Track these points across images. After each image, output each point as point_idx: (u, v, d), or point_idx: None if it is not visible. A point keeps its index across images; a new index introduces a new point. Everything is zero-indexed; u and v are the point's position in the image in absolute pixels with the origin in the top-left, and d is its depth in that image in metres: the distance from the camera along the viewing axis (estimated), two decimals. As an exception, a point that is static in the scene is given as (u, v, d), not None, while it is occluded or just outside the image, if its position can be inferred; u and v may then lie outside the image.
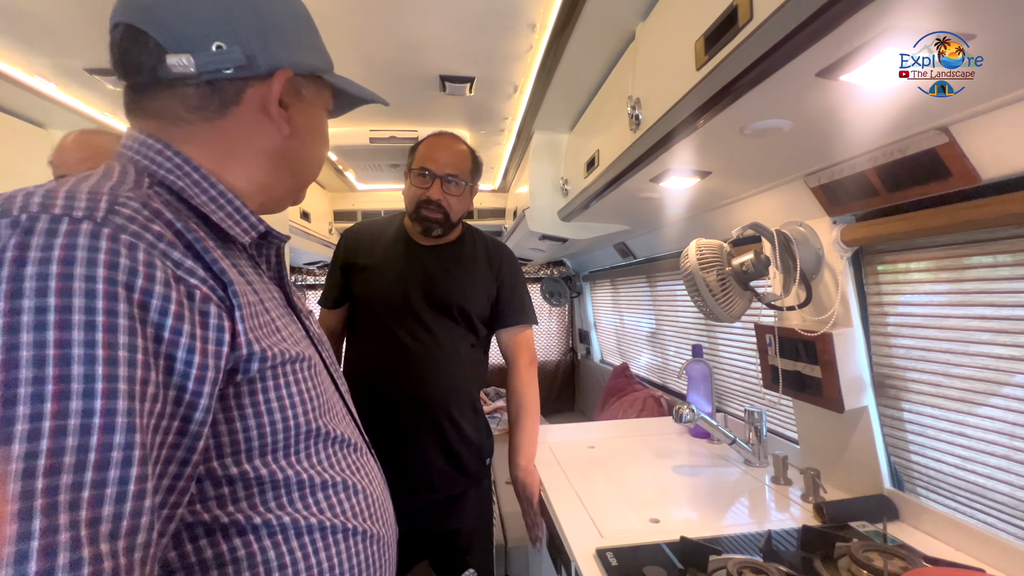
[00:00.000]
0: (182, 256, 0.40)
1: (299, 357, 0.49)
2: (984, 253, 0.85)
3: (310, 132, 0.54)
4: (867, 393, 1.04)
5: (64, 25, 1.10)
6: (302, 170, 0.56)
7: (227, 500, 0.44)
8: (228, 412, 0.43)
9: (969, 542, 0.86)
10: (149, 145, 0.46)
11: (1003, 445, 0.85)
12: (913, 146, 0.78)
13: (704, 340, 1.90)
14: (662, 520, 1.03)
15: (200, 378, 0.39)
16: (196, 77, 0.45)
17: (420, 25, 1.17)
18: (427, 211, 1.18)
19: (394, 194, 2.83)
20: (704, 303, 1.10)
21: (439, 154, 1.19)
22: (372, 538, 0.54)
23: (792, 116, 0.80)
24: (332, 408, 0.55)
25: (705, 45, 0.73)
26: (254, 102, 0.49)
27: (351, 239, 1.30)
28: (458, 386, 1.23)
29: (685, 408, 1.28)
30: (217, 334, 0.40)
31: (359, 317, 1.27)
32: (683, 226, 1.66)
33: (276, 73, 0.48)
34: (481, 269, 1.28)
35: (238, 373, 0.43)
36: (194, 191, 0.46)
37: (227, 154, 0.49)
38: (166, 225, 0.40)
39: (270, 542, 0.46)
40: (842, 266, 1.03)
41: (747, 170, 1.11)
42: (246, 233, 0.50)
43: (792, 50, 0.59)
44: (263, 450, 0.45)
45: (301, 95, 0.52)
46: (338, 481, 0.52)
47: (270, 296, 0.52)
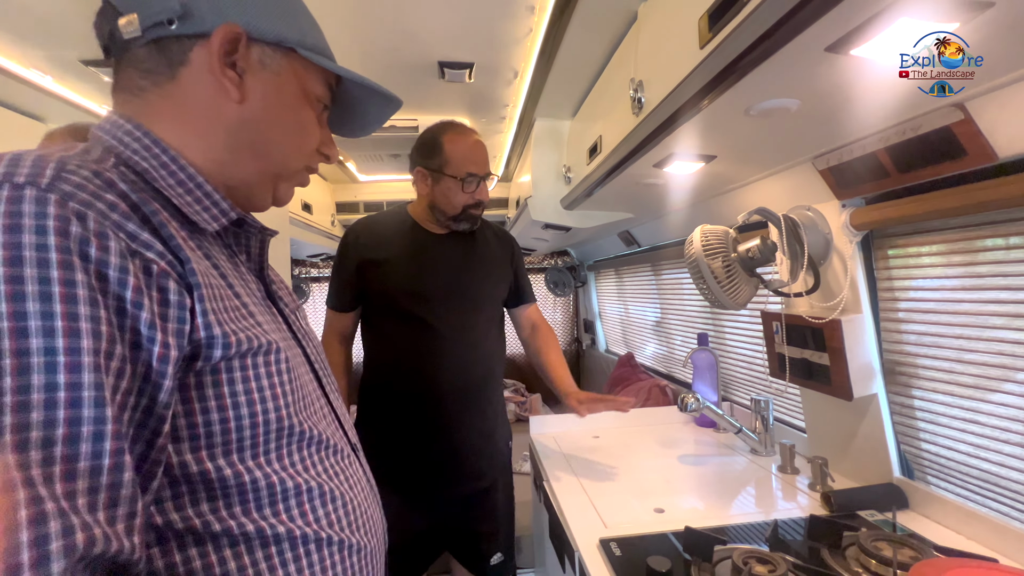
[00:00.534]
0: (137, 228, 0.37)
1: (272, 347, 0.46)
2: (998, 235, 0.82)
3: (273, 107, 0.49)
4: (876, 380, 1.02)
5: (58, 17, 1.08)
6: (266, 151, 0.50)
7: (185, 503, 0.40)
8: (188, 404, 0.40)
9: (981, 531, 0.84)
10: (119, 125, 0.44)
11: (1018, 432, 0.83)
12: (926, 124, 0.75)
13: (710, 328, 1.88)
14: (667, 510, 1.03)
15: (163, 356, 0.36)
16: (143, 37, 0.44)
17: (416, 10, 1.14)
18: (473, 210, 1.23)
19: (396, 184, 2.81)
20: (709, 290, 1.08)
21: (478, 154, 1.21)
22: (351, 548, 0.50)
23: (800, 95, 0.77)
24: (310, 406, 0.51)
25: (709, 22, 0.70)
26: (201, 62, 0.45)
27: (360, 236, 1.26)
28: (493, 367, 1.28)
29: (690, 397, 1.27)
30: (178, 311, 0.38)
31: (381, 313, 1.25)
32: (688, 213, 1.63)
33: (218, 27, 0.44)
34: (497, 254, 1.33)
35: (198, 360, 0.40)
36: (160, 173, 0.44)
37: (181, 122, 0.46)
38: (120, 196, 0.37)
39: (231, 552, 0.41)
40: (851, 251, 1.01)
41: (753, 153, 1.09)
42: (215, 220, 0.47)
43: (799, 23, 0.57)
44: (227, 448, 0.42)
45: (264, 64, 0.48)
46: (313, 486, 0.48)
47: (244, 286, 0.49)
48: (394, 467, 1.20)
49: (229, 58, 0.46)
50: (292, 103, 0.50)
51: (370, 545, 0.54)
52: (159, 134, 0.45)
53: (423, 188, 1.23)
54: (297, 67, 0.50)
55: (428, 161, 1.21)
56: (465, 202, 1.20)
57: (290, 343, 0.52)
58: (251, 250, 0.55)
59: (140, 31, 0.43)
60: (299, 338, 0.56)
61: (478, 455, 1.23)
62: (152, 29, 0.44)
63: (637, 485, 1.15)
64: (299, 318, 0.60)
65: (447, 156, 1.19)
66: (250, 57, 0.47)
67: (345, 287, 1.26)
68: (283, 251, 1.91)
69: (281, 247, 1.89)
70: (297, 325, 0.58)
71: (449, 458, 1.21)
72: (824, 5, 0.53)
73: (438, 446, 1.20)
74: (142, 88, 0.45)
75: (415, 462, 1.21)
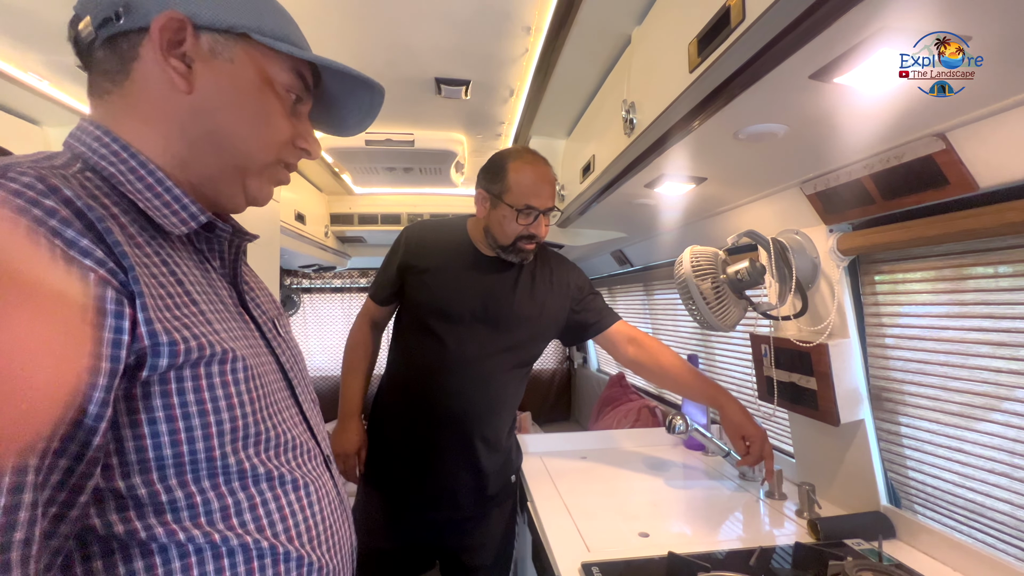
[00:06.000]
0: (76, 235, 0.36)
1: (228, 356, 0.44)
2: (983, 264, 0.83)
3: (227, 96, 0.47)
4: (863, 406, 1.02)
5: (56, 20, 1.09)
6: (225, 143, 0.48)
7: (131, 515, 0.38)
8: (134, 415, 0.38)
9: (967, 562, 0.83)
10: (88, 131, 0.45)
11: (1003, 462, 0.82)
12: (909, 153, 0.77)
13: (701, 350, 1.88)
14: (652, 534, 1.01)
15: (93, 368, 0.35)
16: (97, 38, 0.44)
17: (414, 27, 1.16)
18: (525, 244, 1.16)
19: (391, 197, 2.82)
20: (698, 311, 1.08)
21: (544, 189, 1.14)
22: (310, 567, 0.48)
23: (786, 120, 0.78)
24: (278, 415, 0.49)
25: (698, 47, 0.72)
26: (149, 55, 0.44)
27: (413, 239, 1.25)
28: (498, 406, 1.21)
29: (678, 419, 1.26)
30: (115, 320, 0.36)
31: (408, 320, 1.24)
32: (679, 233, 1.64)
33: (155, 17, 0.43)
34: (547, 288, 1.25)
35: (143, 369, 0.38)
36: (127, 178, 0.43)
37: (140, 120, 0.45)
38: (63, 203, 0.36)
39: (179, 564, 0.40)
40: (838, 275, 1.01)
41: (742, 176, 1.10)
42: (184, 223, 0.46)
43: (784, 51, 0.58)
44: (178, 463, 0.40)
45: (216, 52, 0.46)
46: (268, 499, 0.46)
47: (208, 293, 0.48)
48: (387, 476, 1.21)
49: (177, 49, 0.45)
50: (250, 91, 0.48)
51: (331, 564, 0.51)
52: (124, 136, 0.45)
53: (481, 210, 1.19)
54: (255, 54, 0.48)
55: (491, 185, 1.17)
56: (518, 233, 1.15)
57: (259, 351, 0.51)
58: (224, 256, 0.53)
59: (94, 32, 0.44)
60: (273, 347, 0.54)
61: (461, 487, 1.19)
62: (103, 27, 0.44)
63: (623, 508, 1.13)
64: (277, 326, 0.58)
65: (509, 184, 1.14)
66: (200, 46, 0.45)
67: (385, 283, 1.27)
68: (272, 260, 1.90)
69: (271, 256, 1.88)
70: (273, 334, 0.56)
71: (431, 482, 1.18)
72: (807, 34, 0.54)
73: (424, 466, 1.18)
74: (107, 91, 0.46)
75: (402, 476, 1.20)
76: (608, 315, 1.29)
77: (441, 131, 1.85)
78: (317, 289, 3.45)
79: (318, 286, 3.45)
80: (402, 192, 2.80)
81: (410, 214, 2.75)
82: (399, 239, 1.28)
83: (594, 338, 1.30)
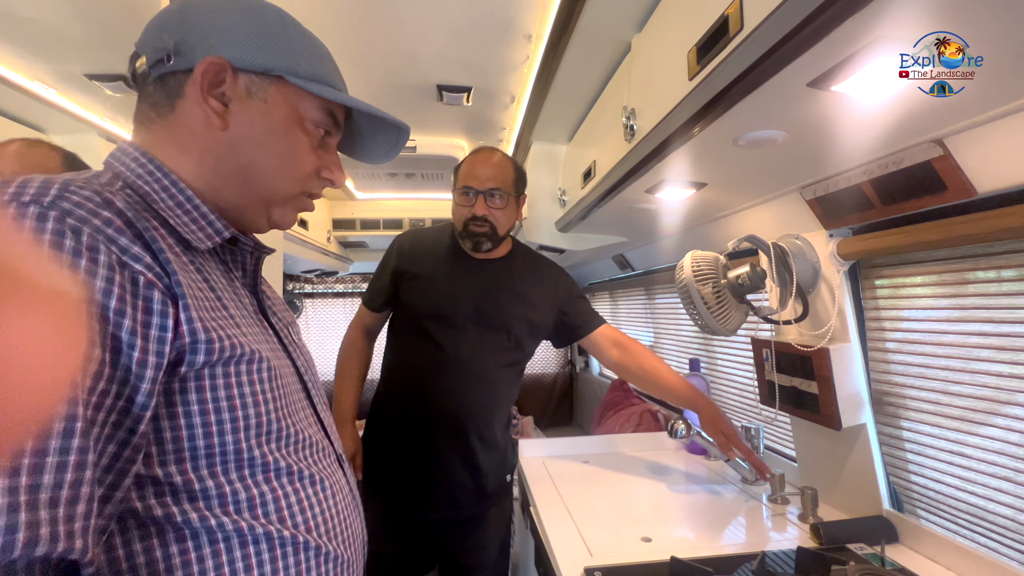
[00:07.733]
0: (129, 243, 0.40)
1: (255, 356, 0.48)
2: (982, 268, 0.83)
3: (259, 134, 0.51)
4: (865, 410, 1.02)
5: (64, 30, 1.11)
6: (252, 177, 0.52)
7: (167, 500, 0.42)
8: (172, 408, 0.42)
9: (970, 567, 0.83)
10: (128, 153, 0.49)
11: (1005, 466, 0.83)
12: (908, 159, 0.77)
13: (702, 354, 1.88)
14: (654, 539, 1.01)
15: (142, 361, 0.39)
16: (150, 75, 0.49)
17: (416, 34, 1.17)
18: (475, 226, 1.19)
19: (393, 202, 2.83)
20: (699, 315, 1.08)
21: (478, 170, 1.19)
22: (327, 556, 0.51)
23: (785, 127, 0.79)
24: (296, 413, 0.53)
25: (698, 55, 0.72)
26: (192, 94, 0.49)
27: (405, 245, 1.29)
28: (493, 405, 1.23)
29: (680, 423, 1.26)
30: (160, 319, 0.40)
31: (403, 324, 1.26)
32: (680, 238, 1.65)
33: (200, 61, 0.48)
34: (536, 289, 1.28)
35: (182, 365, 0.42)
36: (160, 196, 0.47)
37: (179, 149, 0.50)
38: (116, 214, 0.41)
39: (210, 550, 0.44)
40: (839, 280, 1.02)
41: (743, 182, 1.11)
42: (209, 239, 0.50)
43: (782, 59, 0.59)
44: (209, 454, 0.44)
45: (251, 92, 0.50)
46: (289, 492, 0.49)
47: (235, 299, 0.52)
48: (385, 479, 1.22)
49: (216, 89, 0.49)
50: (280, 129, 0.52)
51: (346, 555, 0.54)
52: (162, 160, 0.49)
53: None
54: (288, 93, 0.52)
55: (453, 181, 1.25)
56: (463, 215, 1.20)
57: (278, 354, 0.54)
58: (246, 267, 0.58)
59: (148, 69, 0.49)
60: (289, 351, 0.58)
61: (459, 486, 1.20)
62: (156, 67, 0.49)
63: (625, 513, 1.13)
64: (291, 332, 0.62)
65: (458, 172, 1.23)
66: (237, 87, 0.50)
67: (379, 290, 1.30)
68: (276, 266, 1.92)
69: (274, 261, 1.89)
70: (289, 339, 0.60)
71: (429, 482, 1.19)
72: (804, 43, 0.55)
73: (423, 467, 1.19)
74: (151, 120, 0.50)
75: (400, 478, 1.20)
76: (594, 318, 1.34)
77: (443, 137, 1.86)
78: (319, 294, 3.46)
79: (320, 291, 3.46)
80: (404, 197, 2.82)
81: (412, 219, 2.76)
82: (392, 247, 1.31)
83: (580, 341, 1.34)
